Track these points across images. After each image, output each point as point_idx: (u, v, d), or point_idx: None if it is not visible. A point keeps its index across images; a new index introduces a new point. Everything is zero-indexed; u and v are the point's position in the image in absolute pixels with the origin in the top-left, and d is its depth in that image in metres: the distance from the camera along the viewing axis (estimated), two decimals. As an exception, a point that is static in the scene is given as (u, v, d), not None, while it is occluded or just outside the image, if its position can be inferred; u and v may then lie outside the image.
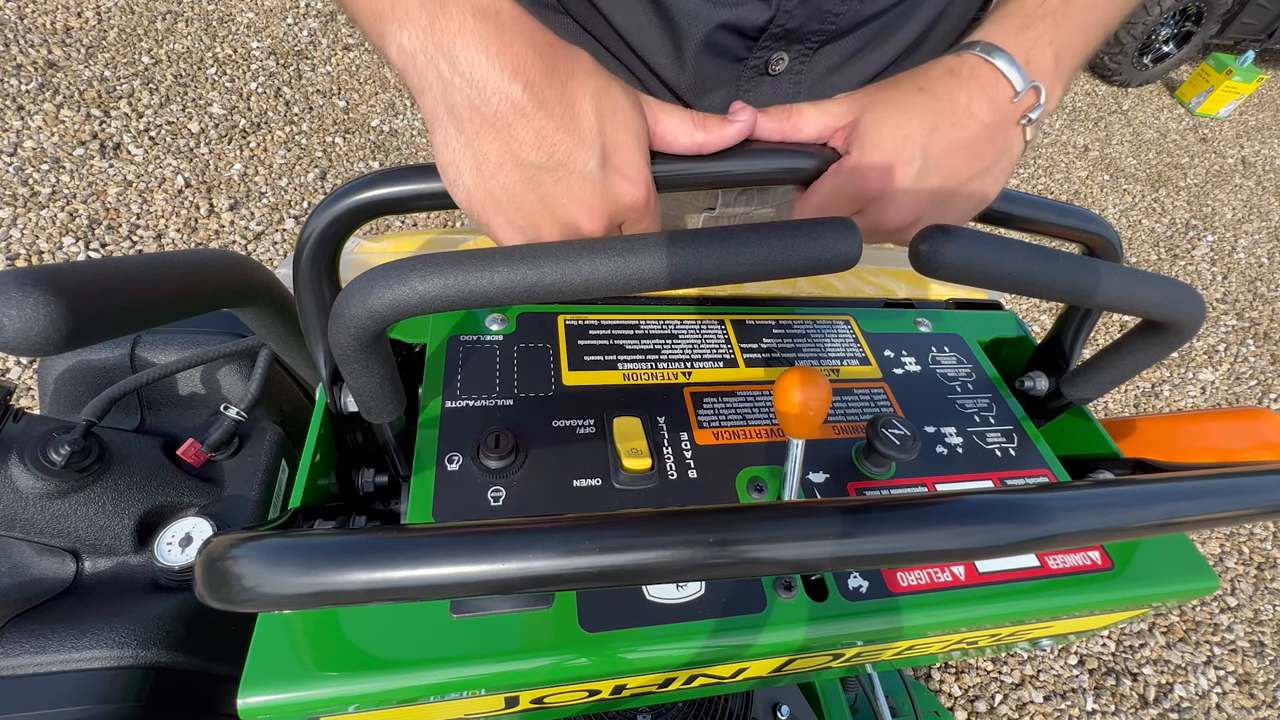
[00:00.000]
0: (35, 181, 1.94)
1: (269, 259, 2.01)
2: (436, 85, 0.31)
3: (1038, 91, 0.40)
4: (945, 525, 0.26)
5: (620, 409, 0.47)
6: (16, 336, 0.25)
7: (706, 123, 0.36)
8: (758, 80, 0.55)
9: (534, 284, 0.29)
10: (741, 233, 0.31)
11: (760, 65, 0.54)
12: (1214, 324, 2.83)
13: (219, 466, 0.60)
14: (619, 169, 0.34)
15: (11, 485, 0.48)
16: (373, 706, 0.34)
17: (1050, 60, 0.41)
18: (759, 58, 0.53)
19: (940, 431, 0.51)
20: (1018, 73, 0.39)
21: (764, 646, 0.38)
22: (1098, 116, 4.00)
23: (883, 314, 0.61)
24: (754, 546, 0.25)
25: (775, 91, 0.56)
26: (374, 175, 0.34)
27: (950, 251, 0.32)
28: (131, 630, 0.47)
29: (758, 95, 0.56)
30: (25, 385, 1.56)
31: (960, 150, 0.39)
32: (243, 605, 0.23)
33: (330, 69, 2.68)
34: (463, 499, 0.40)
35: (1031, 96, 0.40)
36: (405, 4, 0.30)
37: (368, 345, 0.32)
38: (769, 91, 0.56)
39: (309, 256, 0.36)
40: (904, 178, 0.39)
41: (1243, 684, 1.77)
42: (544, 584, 0.24)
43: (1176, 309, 0.39)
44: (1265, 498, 0.31)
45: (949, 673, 1.67)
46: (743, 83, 0.55)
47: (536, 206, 0.34)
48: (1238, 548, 2.07)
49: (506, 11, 0.30)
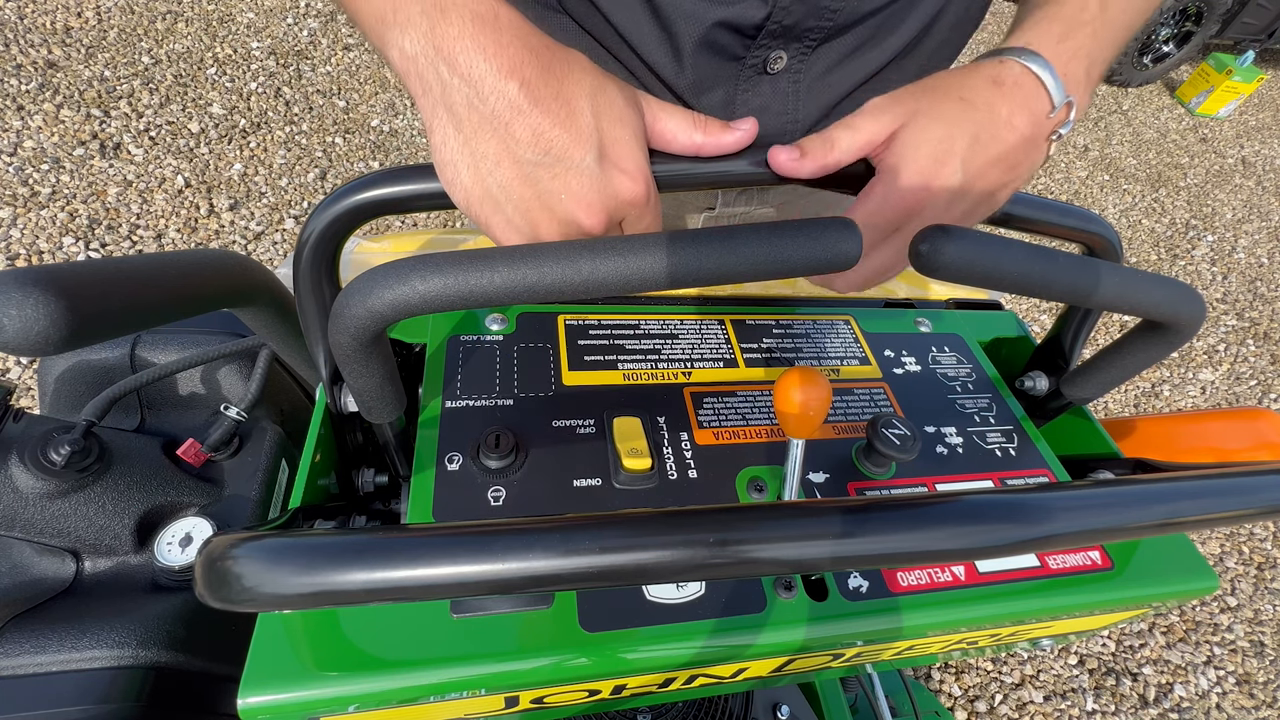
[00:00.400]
0: (35, 181, 1.94)
1: (269, 259, 2.01)
2: (436, 87, 0.31)
3: (1069, 106, 0.39)
4: (945, 525, 0.26)
5: (620, 409, 0.47)
6: (16, 336, 0.25)
7: (708, 126, 0.36)
8: (756, 80, 0.55)
9: (534, 284, 0.29)
10: (741, 233, 0.31)
11: (759, 64, 0.54)
12: (1214, 324, 2.83)
13: (219, 466, 0.60)
14: (617, 163, 0.34)
15: (11, 485, 0.48)
16: (373, 706, 0.34)
17: (1082, 72, 0.40)
18: (757, 56, 0.53)
19: (940, 431, 0.51)
20: (1057, 86, 0.39)
21: (764, 646, 0.38)
22: (1098, 116, 4.00)
23: (883, 314, 0.61)
24: (754, 546, 0.25)
25: (774, 91, 0.56)
26: (374, 175, 0.34)
27: (950, 251, 0.32)
28: (131, 630, 0.47)
29: (756, 94, 0.56)
30: (25, 385, 1.56)
31: (998, 164, 0.39)
32: (243, 605, 0.23)
33: (330, 69, 2.68)
34: (463, 499, 0.40)
35: (1064, 111, 0.40)
36: (407, 10, 0.31)
37: (368, 345, 0.32)
38: (768, 91, 0.56)
39: (309, 256, 0.36)
40: (943, 192, 0.38)
41: (1243, 684, 1.77)
42: (544, 584, 0.24)
43: (1176, 309, 0.39)
44: (1265, 498, 0.31)
45: (949, 673, 1.67)
46: (741, 82, 0.55)
47: (534, 204, 0.34)
48: (1238, 548, 2.07)
49: (504, 16, 0.31)
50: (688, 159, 0.37)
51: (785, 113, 0.57)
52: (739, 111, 0.56)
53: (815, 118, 0.59)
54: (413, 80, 0.32)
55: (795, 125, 0.58)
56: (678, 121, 0.36)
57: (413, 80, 0.32)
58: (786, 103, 0.57)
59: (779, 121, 0.58)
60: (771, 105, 0.57)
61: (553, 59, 0.32)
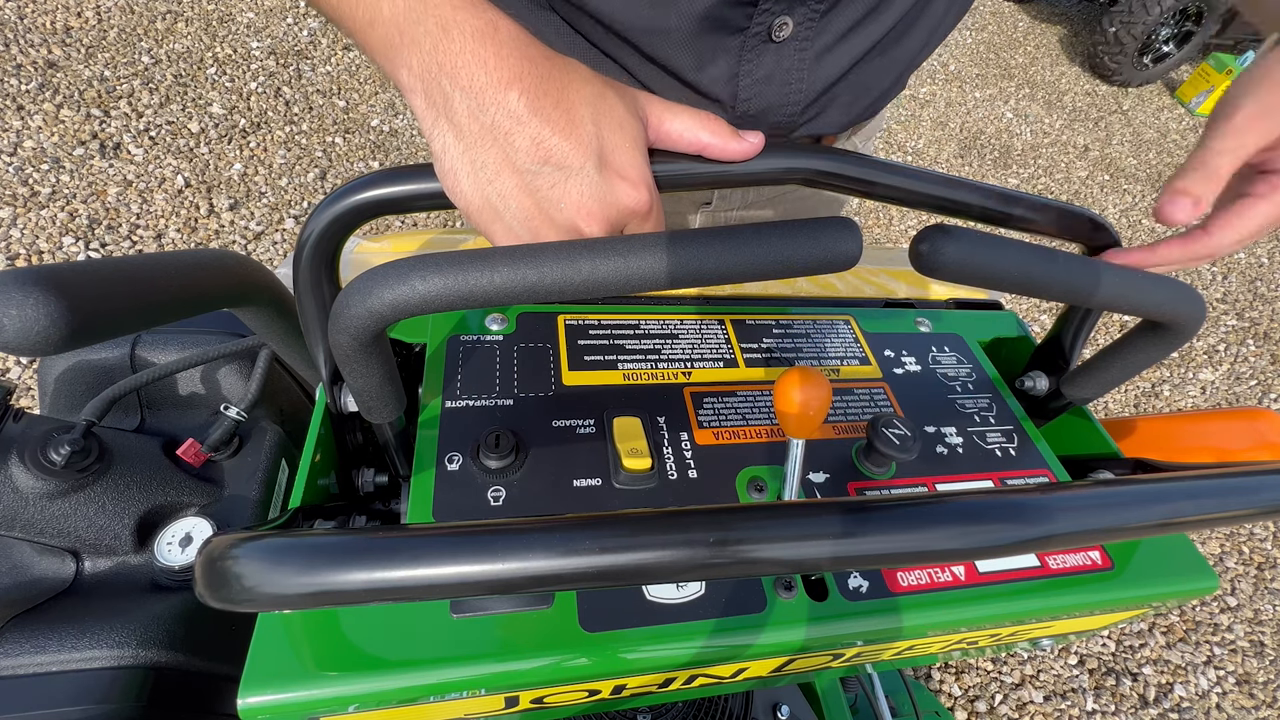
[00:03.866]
0: (35, 181, 1.94)
1: (269, 259, 2.01)
2: (439, 100, 0.32)
3: None
4: (945, 525, 0.26)
5: (620, 409, 0.47)
6: (16, 336, 0.25)
7: (716, 129, 0.36)
8: (760, 49, 0.53)
9: (534, 284, 0.29)
10: (741, 233, 0.31)
11: (763, 32, 0.52)
12: (1214, 324, 2.83)
13: (219, 466, 0.60)
14: (618, 171, 0.34)
15: (11, 485, 0.48)
16: (373, 706, 0.34)
17: None
18: (761, 24, 0.51)
19: (940, 431, 0.51)
20: None
21: (764, 646, 0.38)
22: (1098, 116, 4.00)
23: (883, 314, 0.61)
24: (754, 546, 0.25)
25: (779, 60, 0.54)
26: (374, 175, 0.34)
27: (950, 251, 0.32)
28: (131, 630, 0.47)
29: (760, 65, 0.54)
30: (25, 385, 1.56)
31: None
32: (243, 605, 0.23)
33: (330, 69, 2.68)
34: (463, 499, 0.40)
35: None
36: (412, 32, 0.31)
37: (368, 345, 0.32)
38: (771, 61, 0.54)
39: (309, 256, 0.36)
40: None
41: (1243, 684, 1.77)
42: (544, 584, 0.24)
43: (1176, 309, 0.39)
44: (1265, 498, 0.31)
45: (949, 673, 1.67)
46: (745, 52, 0.53)
47: (535, 212, 0.34)
48: (1238, 548, 2.07)
49: (503, 28, 0.32)
50: (688, 159, 0.37)
51: (790, 83, 0.56)
52: (743, 83, 0.55)
53: (820, 88, 0.57)
54: (417, 97, 0.32)
55: (800, 96, 0.57)
56: (683, 121, 0.36)
57: (417, 97, 0.32)
58: (792, 74, 0.55)
59: (783, 92, 0.56)
60: (776, 75, 0.55)
61: (552, 68, 0.32)
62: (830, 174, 0.39)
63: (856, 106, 0.62)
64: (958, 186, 0.41)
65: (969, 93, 3.85)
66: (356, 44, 0.35)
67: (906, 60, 0.61)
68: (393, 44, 0.32)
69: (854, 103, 0.61)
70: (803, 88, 0.56)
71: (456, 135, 0.32)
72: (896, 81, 0.63)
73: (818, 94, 0.58)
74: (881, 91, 0.63)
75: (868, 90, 0.61)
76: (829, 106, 0.60)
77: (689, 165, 0.37)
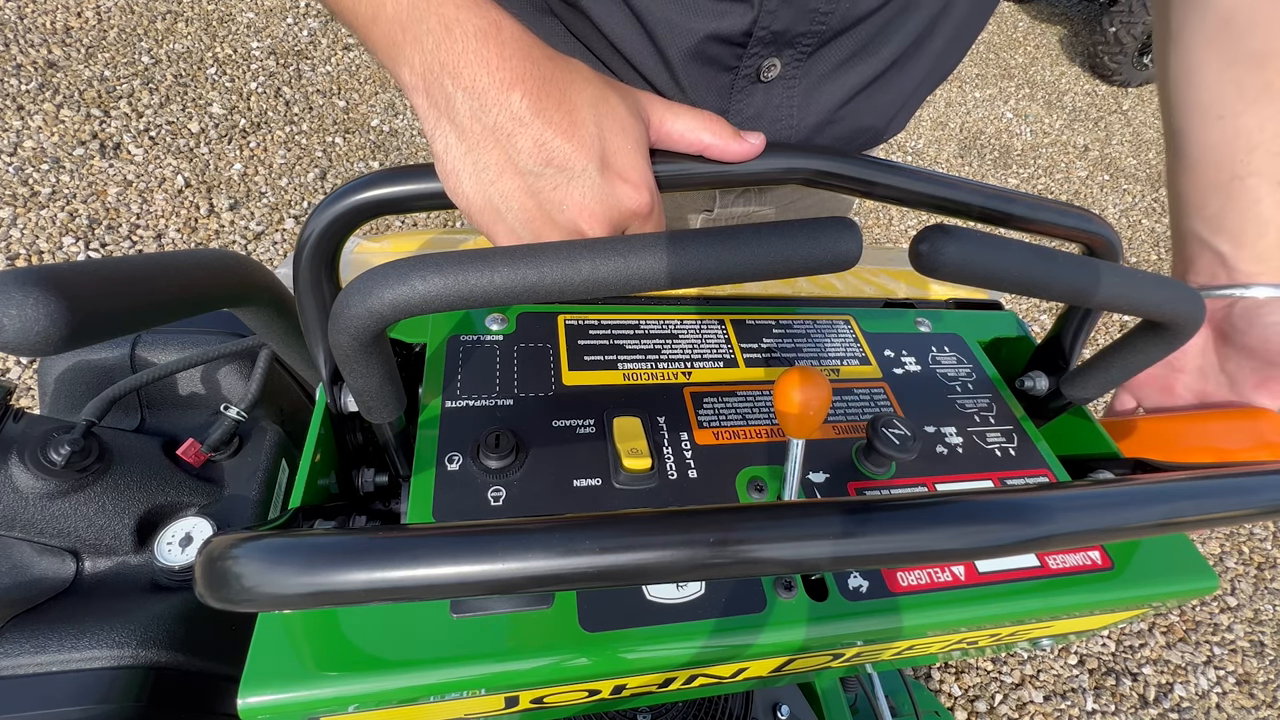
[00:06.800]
0: (35, 181, 1.94)
1: (269, 259, 2.01)
2: (441, 100, 0.32)
3: None
4: (945, 525, 0.26)
5: (620, 409, 0.47)
6: (16, 336, 0.25)
7: (718, 129, 0.36)
8: (750, 89, 0.55)
9: (534, 284, 0.29)
10: (741, 233, 0.31)
11: (751, 73, 0.53)
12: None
13: (219, 466, 0.60)
14: (620, 173, 0.34)
15: (11, 485, 0.48)
16: (373, 706, 0.34)
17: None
18: (750, 65, 0.53)
19: (940, 431, 0.51)
20: None
21: (764, 646, 0.38)
22: (1098, 116, 4.01)
23: (883, 314, 0.61)
24: (754, 546, 0.25)
25: (768, 100, 0.56)
26: (374, 175, 0.34)
27: (950, 251, 0.32)
28: (131, 630, 0.47)
29: (749, 104, 0.56)
30: (25, 385, 1.56)
31: None
32: (243, 605, 0.23)
33: (330, 69, 2.68)
34: (463, 499, 0.40)
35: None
36: (415, 30, 0.31)
37: (368, 345, 0.32)
38: (761, 100, 0.55)
39: (309, 256, 0.36)
40: None
41: (1243, 684, 1.77)
42: (544, 584, 0.24)
43: (1176, 309, 0.39)
44: (1265, 498, 0.31)
45: (949, 673, 1.67)
46: (735, 92, 0.55)
47: (536, 214, 0.34)
48: (1238, 548, 2.07)
49: (507, 29, 0.31)
50: (690, 159, 0.37)
51: (780, 120, 0.57)
52: (733, 120, 0.56)
53: (816, 122, 0.58)
54: (419, 96, 0.32)
55: (792, 131, 0.58)
56: (685, 121, 0.36)
57: (419, 96, 0.32)
58: (781, 110, 0.57)
59: (774, 128, 0.57)
60: (765, 113, 0.56)
61: (555, 69, 0.32)
62: (830, 174, 0.40)
63: (856, 142, 0.63)
64: (958, 186, 0.41)
65: (969, 93, 3.86)
66: (360, 40, 0.35)
67: (903, 99, 0.61)
68: (395, 41, 0.32)
69: (851, 140, 0.62)
70: (793, 124, 0.58)
71: (459, 136, 0.32)
72: (895, 118, 0.63)
73: (809, 130, 0.59)
74: (880, 127, 0.63)
75: (864, 126, 0.62)
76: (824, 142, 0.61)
77: (690, 165, 0.37)
